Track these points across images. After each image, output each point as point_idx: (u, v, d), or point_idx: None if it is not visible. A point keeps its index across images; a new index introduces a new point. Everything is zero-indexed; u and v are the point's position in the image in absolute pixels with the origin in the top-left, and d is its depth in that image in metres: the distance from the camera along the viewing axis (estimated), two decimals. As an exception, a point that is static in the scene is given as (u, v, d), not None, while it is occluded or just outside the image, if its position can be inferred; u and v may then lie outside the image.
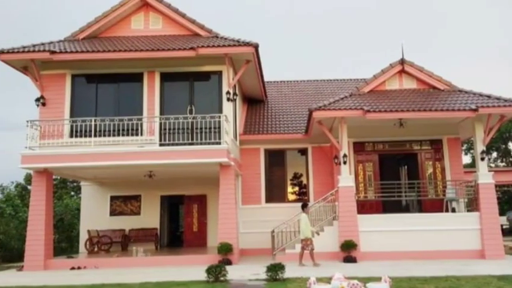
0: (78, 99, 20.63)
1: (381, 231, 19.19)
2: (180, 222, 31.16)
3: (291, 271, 14.63)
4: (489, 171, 20.05)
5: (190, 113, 20.05)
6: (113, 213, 24.96)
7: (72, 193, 41.58)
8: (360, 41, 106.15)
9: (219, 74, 20.49)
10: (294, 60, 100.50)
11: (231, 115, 20.38)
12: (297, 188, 23.93)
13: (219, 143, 19.09)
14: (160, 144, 19.49)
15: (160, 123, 19.75)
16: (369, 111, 18.97)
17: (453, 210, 20.38)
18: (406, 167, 23.38)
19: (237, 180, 22.61)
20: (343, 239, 18.84)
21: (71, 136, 19.96)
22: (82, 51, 19.58)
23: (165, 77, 20.67)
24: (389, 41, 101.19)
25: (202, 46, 19.43)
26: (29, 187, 35.80)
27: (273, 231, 20.70)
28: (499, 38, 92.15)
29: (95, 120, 19.41)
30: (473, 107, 18.92)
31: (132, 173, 21.61)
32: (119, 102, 20.48)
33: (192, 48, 19.40)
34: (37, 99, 20.41)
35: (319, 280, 11.06)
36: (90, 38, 21.73)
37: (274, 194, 23.51)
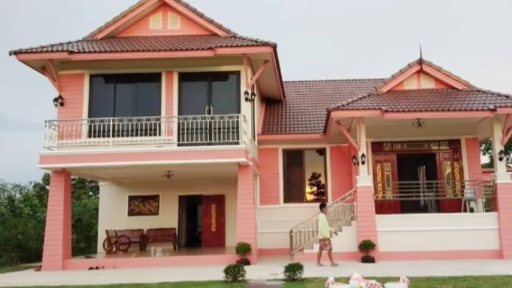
0: (96, 99, 20.72)
1: (399, 231, 19.12)
2: (198, 222, 31.21)
3: (309, 271, 14.62)
4: (507, 171, 19.89)
5: (209, 113, 20.10)
6: (131, 213, 25.02)
7: (91, 193, 41.75)
8: (378, 41, 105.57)
9: (237, 74, 20.52)
10: (312, 60, 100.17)
11: (249, 115, 20.38)
12: (315, 188, 23.90)
13: (237, 143, 19.08)
14: (179, 144, 19.52)
15: (179, 123, 19.79)
16: (387, 111, 18.90)
17: (471, 210, 20.28)
18: (424, 167, 23.27)
19: (255, 180, 22.62)
20: (361, 239, 18.79)
21: (89, 136, 20.06)
22: (100, 51, 19.66)
23: (183, 77, 20.71)
24: (407, 40, 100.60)
25: (221, 46, 19.45)
26: (47, 187, 35.98)
27: (291, 231, 20.67)
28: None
29: (113, 120, 19.50)
30: (491, 107, 18.80)
31: (150, 173, 21.68)
32: (137, 102, 20.56)
33: (210, 48, 19.42)
34: (55, 99, 20.52)
35: (338, 280, 11.05)
36: (108, 38, 21.85)
37: (293, 194, 23.52)
